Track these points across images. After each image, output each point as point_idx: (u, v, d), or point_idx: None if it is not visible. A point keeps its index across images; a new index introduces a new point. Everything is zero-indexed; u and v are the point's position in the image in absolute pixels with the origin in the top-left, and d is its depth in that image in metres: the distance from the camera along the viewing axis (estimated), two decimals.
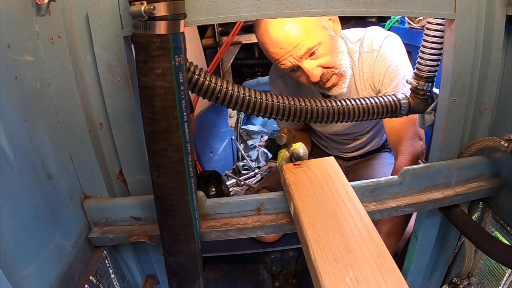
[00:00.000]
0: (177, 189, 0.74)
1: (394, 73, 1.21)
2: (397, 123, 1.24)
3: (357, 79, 1.29)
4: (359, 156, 1.64)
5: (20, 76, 0.70)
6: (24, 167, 0.70)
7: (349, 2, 0.76)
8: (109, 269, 0.95)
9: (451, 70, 0.86)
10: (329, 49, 1.13)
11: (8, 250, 0.62)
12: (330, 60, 1.14)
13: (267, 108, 0.87)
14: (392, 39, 1.25)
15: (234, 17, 0.75)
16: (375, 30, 1.28)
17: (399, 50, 1.25)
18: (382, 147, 1.66)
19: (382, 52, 1.23)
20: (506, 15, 0.85)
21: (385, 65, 1.22)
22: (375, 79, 1.26)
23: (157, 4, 0.59)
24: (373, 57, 1.24)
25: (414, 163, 1.16)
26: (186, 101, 0.68)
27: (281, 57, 1.10)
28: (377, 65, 1.24)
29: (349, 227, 0.70)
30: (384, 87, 1.24)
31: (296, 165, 0.93)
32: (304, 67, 1.12)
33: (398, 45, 1.25)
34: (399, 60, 1.22)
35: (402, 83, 1.20)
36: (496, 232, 1.02)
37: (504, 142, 0.84)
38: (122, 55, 0.77)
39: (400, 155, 1.22)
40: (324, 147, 1.70)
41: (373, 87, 1.28)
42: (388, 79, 1.22)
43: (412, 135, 1.22)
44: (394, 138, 1.27)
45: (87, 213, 0.91)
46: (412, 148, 1.21)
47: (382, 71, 1.23)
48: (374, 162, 1.60)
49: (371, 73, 1.26)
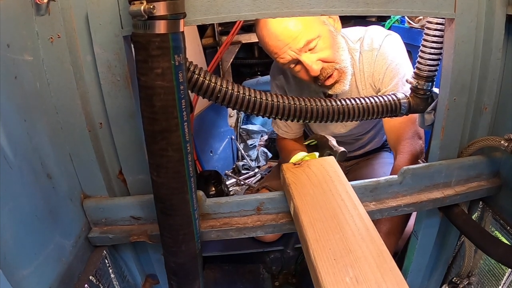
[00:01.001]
0: (177, 189, 0.74)
1: (394, 71, 1.21)
2: (396, 123, 1.24)
3: (358, 78, 1.29)
4: (359, 155, 1.64)
5: (20, 75, 0.70)
6: (24, 167, 0.70)
7: (349, 1, 0.76)
8: (109, 268, 0.95)
9: (451, 69, 0.86)
10: (329, 43, 1.13)
11: (8, 250, 0.62)
12: (330, 55, 1.14)
13: (267, 108, 0.86)
14: (392, 38, 1.25)
15: (234, 17, 0.75)
16: (375, 29, 1.28)
17: (399, 49, 1.25)
18: (382, 146, 1.66)
19: (382, 51, 1.23)
20: (506, 14, 0.85)
21: (385, 64, 1.22)
22: (375, 77, 1.26)
23: (156, 3, 0.59)
24: (374, 56, 1.24)
25: (413, 162, 1.16)
26: (186, 100, 0.68)
27: (280, 49, 1.09)
28: (377, 64, 1.24)
29: (349, 227, 0.70)
30: (384, 85, 1.24)
31: (296, 164, 0.93)
32: (303, 61, 1.11)
33: (398, 44, 1.25)
34: (399, 59, 1.22)
35: (402, 81, 1.20)
36: (496, 232, 1.02)
37: (504, 141, 0.84)
38: (121, 55, 0.77)
39: (399, 154, 1.22)
40: None
41: (373, 86, 1.28)
42: (388, 78, 1.22)
43: (412, 134, 1.22)
44: (394, 137, 1.27)
45: (87, 212, 0.91)
46: (412, 147, 1.20)
47: (382, 69, 1.23)
48: (374, 161, 1.60)
49: (371, 72, 1.26)
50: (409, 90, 0.99)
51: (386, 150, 1.66)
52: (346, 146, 1.59)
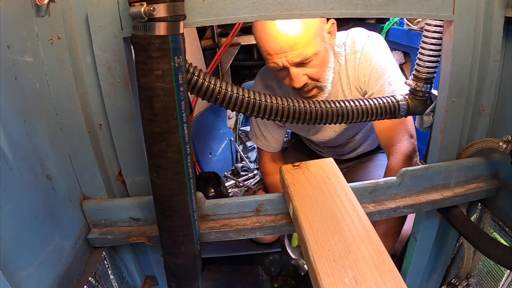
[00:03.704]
0: (176, 190, 0.74)
1: (379, 73, 1.20)
2: (386, 124, 1.23)
3: (344, 82, 1.28)
4: (354, 158, 1.64)
5: (20, 76, 0.70)
6: (24, 168, 0.70)
7: (348, 3, 0.76)
8: (108, 270, 0.95)
9: (450, 71, 0.86)
10: (321, 62, 1.13)
11: (8, 251, 0.62)
12: (318, 73, 1.14)
13: (265, 110, 0.87)
14: (374, 39, 1.24)
15: (233, 19, 0.75)
16: (356, 32, 1.27)
17: (382, 49, 1.24)
18: (377, 148, 1.66)
19: (365, 53, 1.22)
20: (504, 16, 0.85)
21: (369, 66, 1.21)
22: (360, 80, 1.25)
23: (156, 5, 0.60)
24: (357, 58, 1.23)
25: (407, 161, 1.16)
26: (186, 102, 0.69)
27: (276, 54, 1.08)
28: (361, 66, 1.23)
29: (348, 228, 0.70)
30: (370, 88, 1.23)
31: (295, 166, 0.93)
32: (292, 72, 1.11)
33: (380, 45, 1.24)
34: (383, 60, 1.21)
35: (388, 82, 1.19)
36: (494, 233, 1.02)
37: (502, 143, 0.84)
38: (121, 56, 0.77)
39: (392, 154, 1.21)
40: (319, 152, 1.70)
41: (359, 88, 1.27)
42: (374, 79, 1.22)
43: (403, 133, 1.21)
44: (385, 138, 1.26)
45: (86, 214, 0.91)
46: (404, 147, 1.20)
47: (366, 71, 1.22)
48: (369, 164, 1.60)
49: (356, 75, 1.25)
50: (396, 89, 0.98)
51: (382, 152, 1.66)
52: (336, 150, 1.60)
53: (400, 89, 1.18)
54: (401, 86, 1.18)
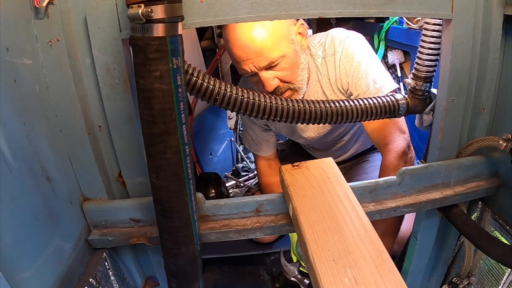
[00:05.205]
0: (176, 191, 0.74)
1: (362, 72, 1.18)
2: (377, 124, 1.21)
3: (324, 84, 1.27)
4: (349, 159, 1.63)
5: (19, 79, 0.70)
6: (24, 170, 0.70)
7: (346, 3, 0.76)
8: (109, 271, 0.95)
9: (449, 70, 0.86)
10: (290, 64, 1.13)
11: (8, 252, 0.62)
12: (289, 75, 1.14)
13: (265, 110, 0.87)
14: (353, 39, 1.22)
15: (232, 19, 0.75)
16: (335, 32, 1.26)
17: (363, 48, 1.22)
18: (372, 148, 1.65)
19: (345, 53, 1.20)
20: (503, 14, 0.85)
21: (351, 66, 1.20)
22: (343, 81, 1.23)
23: (154, 6, 0.60)
24: (337, 59, 1.22)
25: (402, 158, 1.16)
26: (184, 103, 0.69)
27: (243, 61, 1.10)
28: (342, 67, 1.22)
29: (347, 228, 0.70)
30: (354, 89, 1.21)
31: (295, 166, 0.93)
32: (262, 76, 1.12)
33: (360, 43, 1.22)
34: (364, 58, 1.19)
35: (372, 80, 1.17)
36: (495, 232, 1.02)
37: (502, 141, 0.84)
38: (120, 58, 0.77)
39: (386, 153, 1.19)
40: (312, 153, 1.70)
41: (342, 89, 1.26)
42: (357, 80, 1.20)
43: (394, 131, 1.20)
44: (378, 138, 1.24)
45: (87, 215, 0.91)
46: (397, 144, 1.18)
47: (349, 72, 1.21)
48: (366, 165, 1.60)
49: (338, 76, 1.23)
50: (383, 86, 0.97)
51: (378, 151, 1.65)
52: (327, 151, 1.59)
53: (386, 85, 1.17)
54: (386, 83, 1.17)
